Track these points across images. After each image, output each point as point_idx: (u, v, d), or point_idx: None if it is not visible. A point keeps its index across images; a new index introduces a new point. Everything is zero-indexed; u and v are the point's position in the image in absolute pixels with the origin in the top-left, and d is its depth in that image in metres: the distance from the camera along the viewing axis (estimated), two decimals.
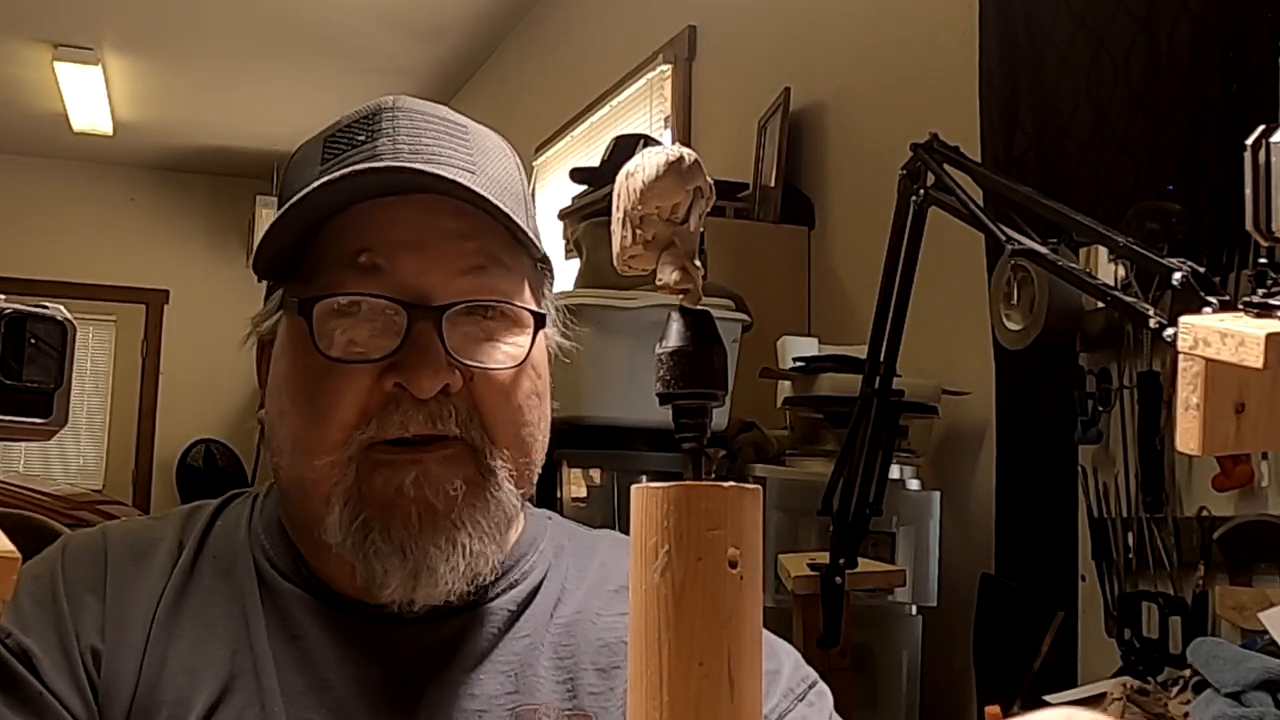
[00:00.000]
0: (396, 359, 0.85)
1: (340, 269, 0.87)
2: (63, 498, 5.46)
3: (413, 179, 0.86)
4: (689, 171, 0.58)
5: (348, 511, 0.85)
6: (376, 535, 0.85)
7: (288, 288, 0.91)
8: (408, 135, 0.90)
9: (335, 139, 0.92)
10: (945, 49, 2.72)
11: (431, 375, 0.84)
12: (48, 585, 0.89)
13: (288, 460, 0.89)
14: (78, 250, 7.77)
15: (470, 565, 0.86)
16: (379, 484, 0.85)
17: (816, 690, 0.94)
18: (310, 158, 0.93)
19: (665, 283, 0.59)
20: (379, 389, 0.85)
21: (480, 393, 0.87)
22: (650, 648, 0.56)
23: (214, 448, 7.85)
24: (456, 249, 0.88)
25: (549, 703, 0.89)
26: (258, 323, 0.95)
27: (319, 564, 0.91)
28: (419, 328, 0.85)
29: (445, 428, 0.85)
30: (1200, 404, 0.71)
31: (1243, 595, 1.80)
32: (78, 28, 5.68)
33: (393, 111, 0.92)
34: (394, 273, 0.86)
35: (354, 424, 0.85)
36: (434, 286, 0.86)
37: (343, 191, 0.86)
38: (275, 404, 0.91)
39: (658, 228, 0.58)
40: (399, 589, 0.85)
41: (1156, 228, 1.91)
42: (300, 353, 0.88)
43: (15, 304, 0.61)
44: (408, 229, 0.87)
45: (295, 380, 0.88)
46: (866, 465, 1.99)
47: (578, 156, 4.75)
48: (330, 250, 0.88)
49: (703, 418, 0.59)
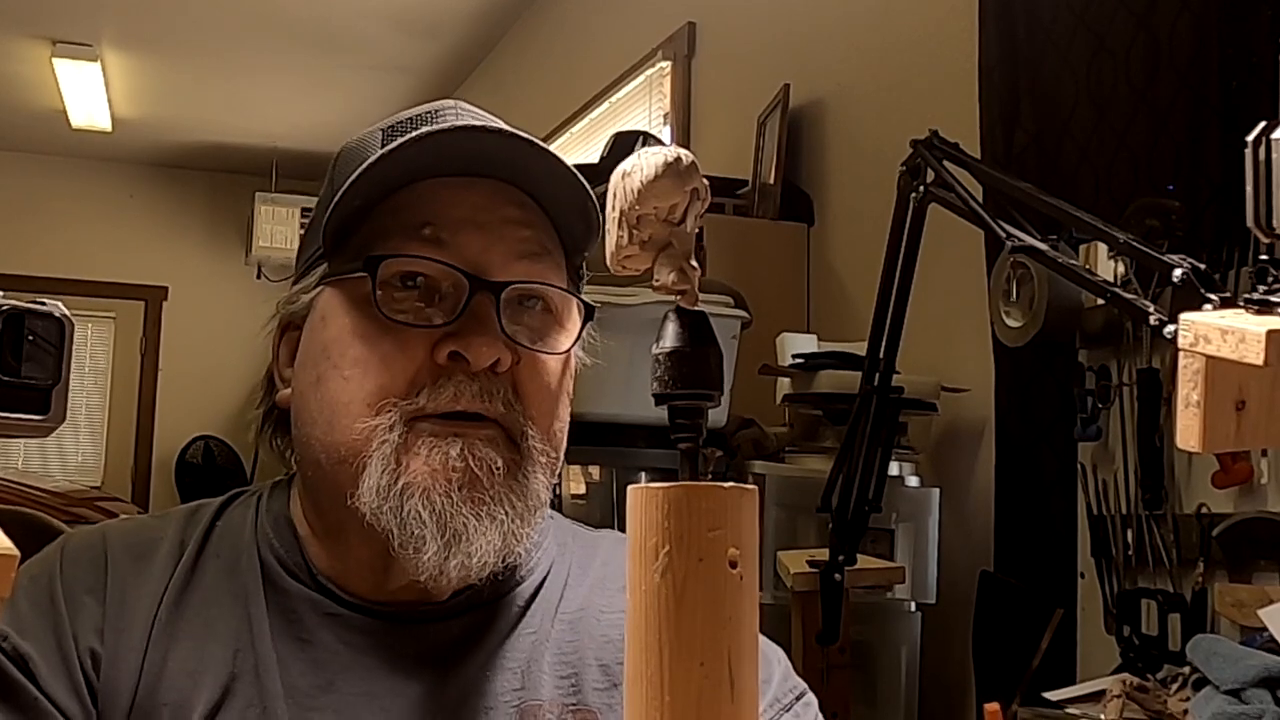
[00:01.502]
0: (453, 328, 0.85)
1: (404, 238, 0.87)
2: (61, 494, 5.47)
3: (499, 141, 0.87)
4: (686, 172, 0.58)
5: (387, 476, 0.84)
6: (417, 501, 0.84)
7: (335, 260, 0.91)
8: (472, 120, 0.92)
9: (394, 128, 0.93)
10: (945, 45, 2.71)
11: (490, 344, 0.85)
12: (46, 587, 0.88)
13: (324, 427, 0.88)
14: (76, 247, 7.76)
15: (505, 543, 0.86)
16: (424, 453, 0.85)
17: (804, 701, 0.94)
18: (368, 145, 0.93)
19: (663, 283, 0.59)
20: (431, 360, 0.85)
21: (524, 377, 0.88)
22: (650, 648, 0.56)
23: (213, 444, 7.84)
24: (515, 234, 0.89)
25: (553, 699, 0.89)
26: (287, 301, 0.94)
27: (329, 562, 0.91)
28: (478, 299, 0.86)
29: (492, 406, 0.86)
30: (1200, 401, 0.71)
31: (1242, 592, 1.80)
32: (76, 24, 5.67)
33: (455, 108, 0.94)
34: (457, 247, 0.87)
35: (403, 391, 0.85)
36: (494, 265, 0.87)
37: (423, 154, 0.86)
38: (309, 374, 0.90)
39: (655, 228, 0.58)
40: (432, 559, 0.84)
41: (1156, 224, 1.91)
42: (352, 316, 0.88)
43: (13, 300, 0.60)
44: (470, 209, 0.88)
45: (342, 344, 0.88)
46: (866, 462, 1.99)
47: (577, 153, 4.75)
48: (393, 222, 0.88)
49: (699, 418, 0.59)
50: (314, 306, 0.91)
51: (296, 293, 0.94)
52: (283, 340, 0.95)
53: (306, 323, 0.92)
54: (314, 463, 0.90)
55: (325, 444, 0.88)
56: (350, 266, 0.88)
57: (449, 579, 0.85)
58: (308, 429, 0.90)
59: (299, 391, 0.91)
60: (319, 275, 0.92)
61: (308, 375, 0.90)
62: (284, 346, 0.95)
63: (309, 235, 0.96)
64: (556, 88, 5.11)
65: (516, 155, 0.88)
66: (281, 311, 0.95)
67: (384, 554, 0.87)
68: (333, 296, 0.90)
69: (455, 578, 0.85)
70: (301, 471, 0.94)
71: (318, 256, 0.93)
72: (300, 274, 0.95)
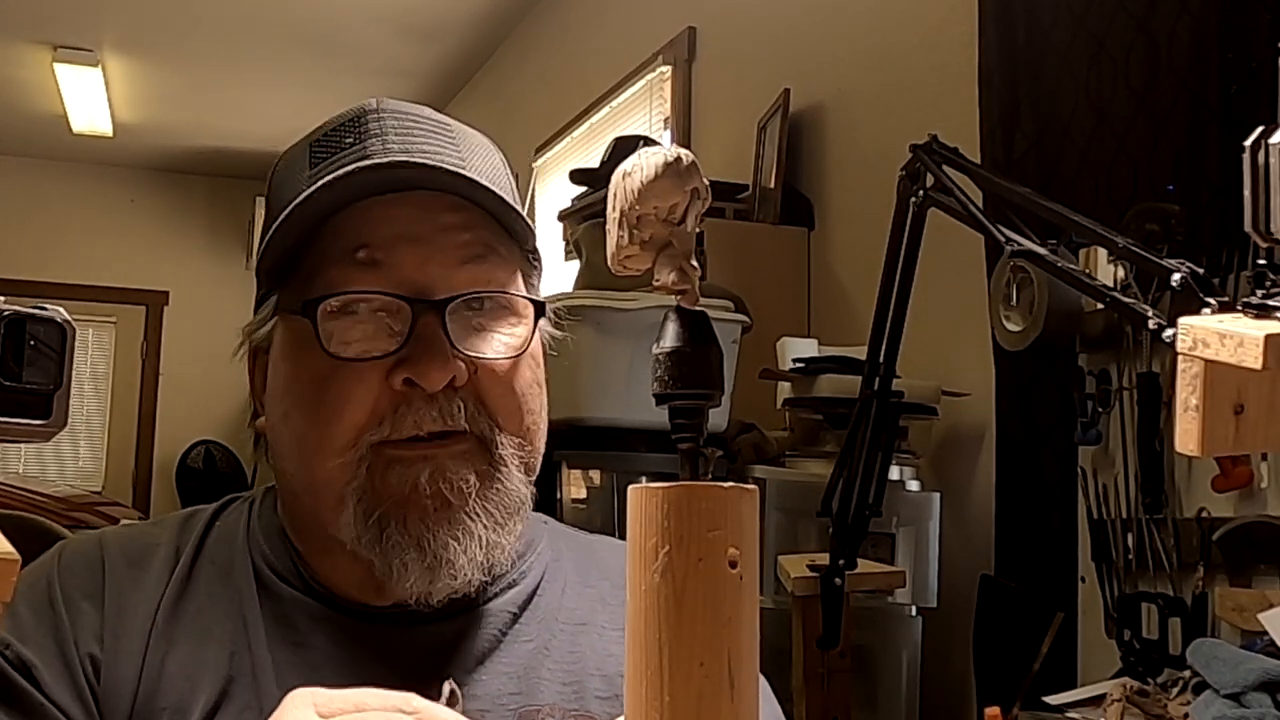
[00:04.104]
0: (403, 354, 0.85)
1: (340, 266, 0.87)
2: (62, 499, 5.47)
3: (412, 173, 0.87)
4: (686, 172, 0.58)
5: (362, 508, 0.85)
6: (394, 530, 0.85)
7: (283, 293, 0.91)
8: (396, 135, 0.90)
9: (321, 144, 0.92)
10: (945, 50, 2.72)
11: (441, 367, 0.85)
12: (44, 593, 0.89)
13: (294, 464, 0.89)
14: (77, 252, 7.77)
15: (487, 555, 0.86)
16: (393, 481, 0.85)
17: None
18: (297, 164, 0.93)
19: (663, 283, 0.59)
20: (388, 387, 0.85)
21: (484, 384, 0.88)
22: (650, 648, 0.56)
23: (214, 449, 7.85)
24: (454, 240, 0.88)
25: (554, 704, 0.89)
26: (251, 330, 0.94)
27: (320, 567, 0.91)
28: (423, 321, 0.85)
29: (455, 423, 0.86)
30: (1199, 405, 0.71)
31: (1242, 596, 1.80)
32: (78, 29, 5.68)
33: (378, 114, 0.92)
34: (394, 267, 0.87)
35: (364, 425, 0.85)
36: (434, 279, 0.87)
37: (342, 190, 0.86)
38: (277, 408, 0.90)
39: (655, 228, 0.58)
40: (417, 583, 0.85)
41: (1156, 229, 1.91)
42: (303, 355, 0.88)
43: (14, 305, 0.60)
44: (405, 224, 0.88)
45: (300, 383, 0.88)
46: (866, 466, 1.99)
47: (577, 158, 4.75)
48: (328, 250, 0.88)
49: (699, 418, 0.59)
50: (273, 337, 0.92)
51: (258, 320, 0.94)
52: (256, 366, 0.95)
53: (272, 351, 0.92)
54: (291, 494, 0.92)
55: (299, 479, 0.89)
56: (292, 303, 0.88)
57: (436, 598, 0.87)
58: (281, 463, 0.91)
59: (271, 425, 0.92)
60: (272, 305, 0.92)
61: (276, 410, 0.91)
62: (258, 372, 0.95)
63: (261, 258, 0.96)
64: (557, 92, 5.11)
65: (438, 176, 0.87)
66: (249, 338, 0.95)
67: (370, 573, 0.88)
68: (285, 331, 0.90)
69: (442, 595, 0.87)
70: (282, 498, 0.95)
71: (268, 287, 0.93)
72: (259, 298, 0.95)
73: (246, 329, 0.95)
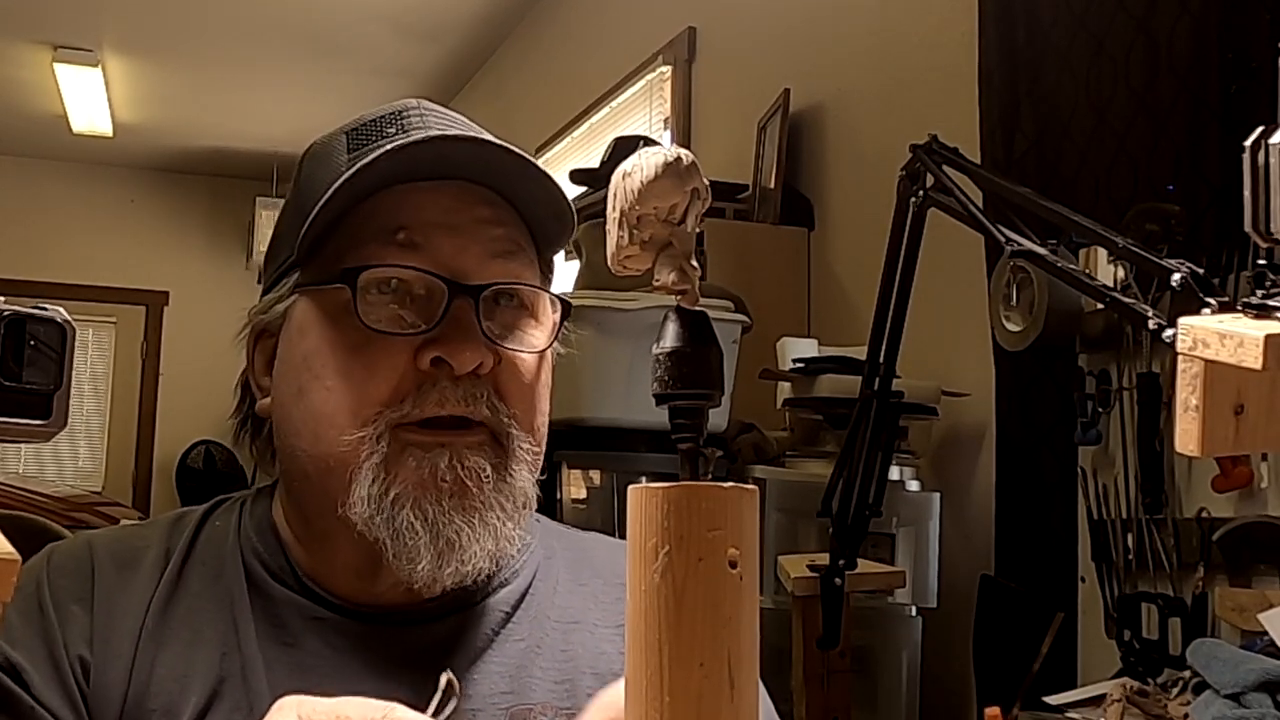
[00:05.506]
0: (435, 334, 0.86)
1: (379, 245, 0.87)
2: (62, 499, 5.47)
3: (467, 148, 0.88)
4: (686, 172, 0.58)
5: (377, 487, 0.85)
6: (409, 512, 0.84)
7: (305, 270, 0.90)
8: (438, 124, 0.92)
9: (360, 132, 0.93)
10: (945, 50, 2.72)
11: (473, 349, 0.85)
12: (33, 596, 0.88)
13: (309, 439, 0.88)
14: (77, 252, 7.77)
15: (497, 545, 0.86)
16: (411, 464, 0.85)
17: None
18: (334, 149, 0.93)
19: (663, 283, 0.59)
20: (414, 366, 0.86)
21: (505, 377, 0.88)
22: (650, 648, 0.56)
23: (214, 449, 7.84)
24: (488, 234, 0.89)
25: (546, 702, 0.89)
26: (261, 311, 0.94)
27: (315, 563, 0.91)
28: (457, 304, 0.86)
29: (476, 409, 0.86)
30: (1199, 405, 0.71)
31: (1242, 596, 1.80)
32: (78, 29, 5.68)
33: (419, 109, 0.94)
34: (432, 251, 0.87)
35: (387, 400, 0.85)
36: (469, 267, 0.87)
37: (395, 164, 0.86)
38: (289, 385, 0.90)
39: (655, 228, 0.58)
40: (426, 567, 0.85)
41: (1156, 229, 1.91)
42: (329, 328, 0.88)
43: (14, 306, 0.60)
44: (442, 212, 0.88)
45: (323, 355, 0.88)
46: (866, 466, 1.99)
47: (577, 158, 4.75)
48: (364, 230, 0.88)
49: (699, 418, 0.59)
50: (289, 316, 0.91)
51: (269, 302, 0.93)
52: (257, 348, 0.95)
53: (282, 332, 0.92)
54: (301, 474, 0.90)
55: (312, 455, 0.88)
56: (325, 276, 0.88)
57: (443, 586, 0.86)
58: (292, 440, 0.90)
59: (280, 403, 0.91)
60: (292, 284, 0.92)
61: (288, 387, 0.90)
62: (259, 354, 0.95)
63: (278, 243, 0.96)
64: (557, 92, 5.11)
65: (485, 157, 0.88)
66: (254, 320, 0.95)
67: (372, 560, 0.87)
68: (308, 306, 0.90)
69: (449, 584, 0.86)
70: (287, 482, 0.94)
71: (289, 264, 0.93)
72: (271, 282, 0.95)
73: (252, 311, 0.95)
